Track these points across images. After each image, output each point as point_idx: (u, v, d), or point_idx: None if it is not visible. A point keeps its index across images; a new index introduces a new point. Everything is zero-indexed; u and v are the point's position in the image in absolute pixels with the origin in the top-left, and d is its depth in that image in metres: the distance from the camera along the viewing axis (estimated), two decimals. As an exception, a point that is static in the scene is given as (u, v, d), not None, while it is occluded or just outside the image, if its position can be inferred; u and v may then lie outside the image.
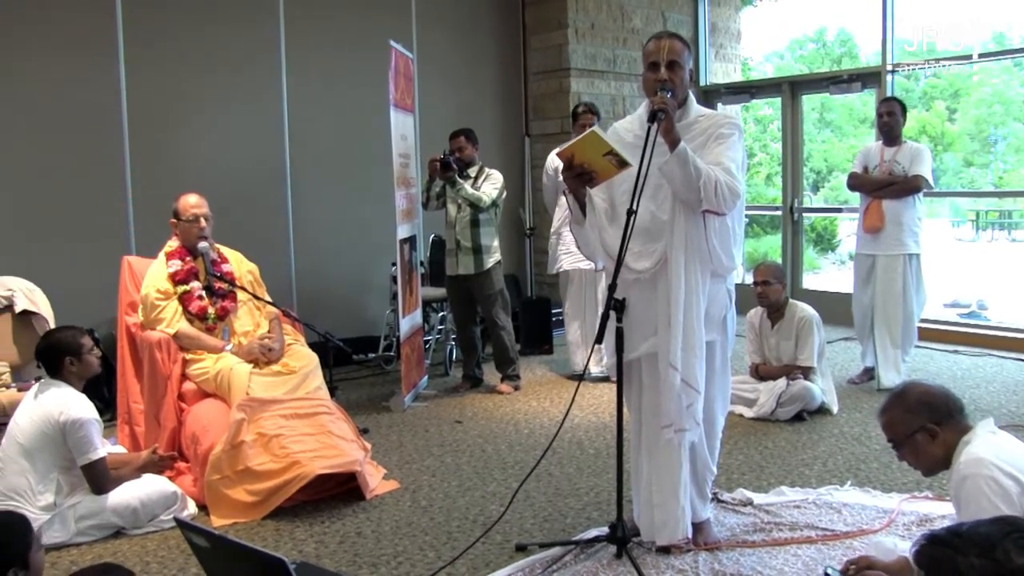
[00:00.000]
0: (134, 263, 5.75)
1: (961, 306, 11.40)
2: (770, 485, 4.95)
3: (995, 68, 14.86)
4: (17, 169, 6.82)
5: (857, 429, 5.98)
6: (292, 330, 5.77)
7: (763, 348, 6.54)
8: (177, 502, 4.61)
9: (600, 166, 3.74)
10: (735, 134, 3.89)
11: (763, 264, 6.56)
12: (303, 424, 4.97)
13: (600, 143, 3.69)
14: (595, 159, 3.73)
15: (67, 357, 4.46)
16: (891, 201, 6.87)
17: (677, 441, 3.91)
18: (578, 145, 3.73)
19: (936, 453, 3.12)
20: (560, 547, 4.16)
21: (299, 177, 8.27)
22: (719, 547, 4.10)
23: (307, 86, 8.25)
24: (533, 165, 10.02)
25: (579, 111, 7.34)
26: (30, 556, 2.67)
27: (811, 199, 14.40)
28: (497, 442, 5.93)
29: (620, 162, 3.69)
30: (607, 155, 3.69)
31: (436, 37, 9.25)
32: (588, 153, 3.73)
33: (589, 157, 3.73)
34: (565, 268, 7.52)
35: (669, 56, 3.85)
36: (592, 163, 3.74)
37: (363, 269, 8.72)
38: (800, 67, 16.40)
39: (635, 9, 10.12)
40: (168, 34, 7.45)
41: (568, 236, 6.91)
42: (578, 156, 3.75)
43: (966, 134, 18.00)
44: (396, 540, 4.36)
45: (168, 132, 7.49)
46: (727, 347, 4.13)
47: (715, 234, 3.84)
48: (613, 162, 3.70)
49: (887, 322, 6.94)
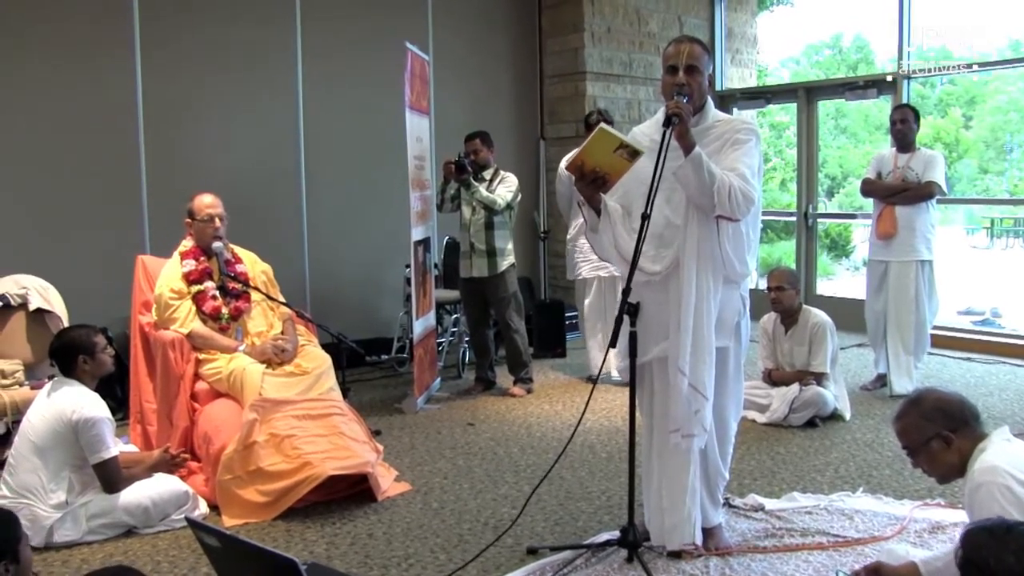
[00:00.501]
0: (148, 262, 5.77)
1: (975, 313, 11.35)
2: (782, 491, 4.93)
3: (1011, 75, 14.79)
4: (33, 167, 6.85)
5: (869, 435, 5.96)
6: (305, 331, 5.77)
7: (776, 353, 6.53)
8: (188, 502, 4.62)
9: (611, 165, 3.72)
10: (752, 140, 3.88)
11: (777, 269, 6.55)
12: (315, 425, 4.98)
13: (610, 138, 3.66)
14: (605, 159, 3.70)
15: (81, 356, 4.47)
16: (904, 207, 6.85)
17: (685, 446, 3.90)
18: (587, 148, 3.70)
19: (951, 461, 3.10)
20: (571, 551, 4.15)
21: (313, 178, 8.28)
22: (730, 552, 4.09)
23: (322, 87, 8.26)
24: (548, 168, 10.01)
25: (591, 120, 7.21)
26: (19, 549, 2.68)
27: (826, 205, 14.36)
28: (509, 445, 5.93)
29: (632, 153, 3.66)
30: (617, 150, 3.66)
31: (452, 39, 9.25)
32: (598, 154, 3.70)
33: (599, 159, 3.71)
34: (584, 276, 7.52)
35: (688, 61, 3.85)
36: (603, 165, 3.72)
37: (377, 270, 8.73)
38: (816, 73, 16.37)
39: (652, 13, 10.11)
40: (184, 35, 7.47)
41: (586, 244, 6.90)
42: (588, 160, 3.73)
43: (981, 141, 17.94)
44: (407, 542, 4.36)
45: (183, 132, 7.51)
46: (741, 353, 4.11)
47: (728, 240, 3.82)
48: (624, 155, 3.67)
49: (900, 328, 6.92)
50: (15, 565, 2.65)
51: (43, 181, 6.89)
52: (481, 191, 6.98)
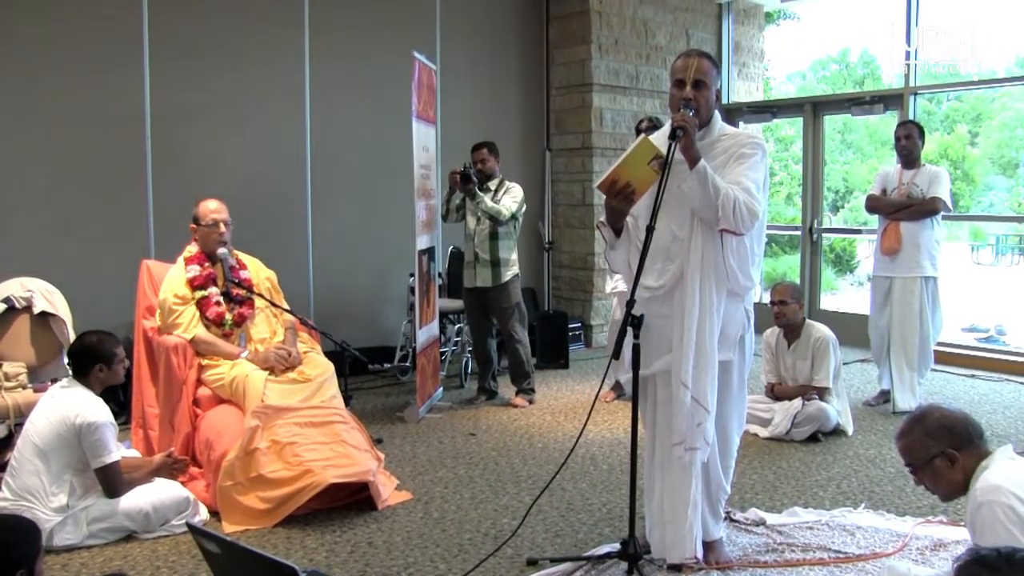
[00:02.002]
0: (153, 267, 5.78)
1: (979, 331, 11.32)
2: (783, 505, 4.93)
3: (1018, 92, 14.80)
4: (38, 171, 6.87)
5: (872, 451, 5.95)
6: (308, 338, 5.78)
7: (779, 368, 6.52)
8: (189, 507, 4.62)
9: (642, 177, 3.68)
10: (757, 154, 3.88)
11: (780, 284, 6.54)
12: (317, 432, 4.97)
13: (650, 149, 3.64)
14: (640, 171, 3.67)
15: (98, 365, 4.48)
16: (909, 223, 6.85)
17: (688, 459, 3.90)
18: (628, 159, 3.66)
19: (955, 479, 3.09)
20: (571, 563, 4.14)
21: (319, 185, 8.30)
22: (731, 567, 4.08)
23: (330, 95, 8.28)
24: (554, 179, 10.03)
25: (641, 127, 6.92)
26: (36, 563, 2.67)
27: (831, 220, 14.36)
28: (511, 456, 5.92)
29: (661, 164, 3.65)
30: (651, 161, 3.65)
31: (460, 49, 9.28)
32: (635, 166, 3.67)
33: (634, 171, 3.68)
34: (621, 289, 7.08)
35: (696, 75, 3.85)
36: (635, 178, 3.70)
37: (381, 279, 8.74)
38: (823, 88, 16.38)
39: (659, 26, 10.13)
40: (193, 41, 7.50)
41: None
42: (624, 174, 3.70)
43: (987, 158, 17.92)
44: (407, 551, 4.36)
45: (190, 138, 7.53)
46: (744, 367, 4.11)
47: (732, 253, 3.83)
48: (655, 167, 3.65)
49: (903, 344, 6.91)
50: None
51: (49, 185, 6.91)
52: (486, 201, 6.97)
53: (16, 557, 2.61)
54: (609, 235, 3.98)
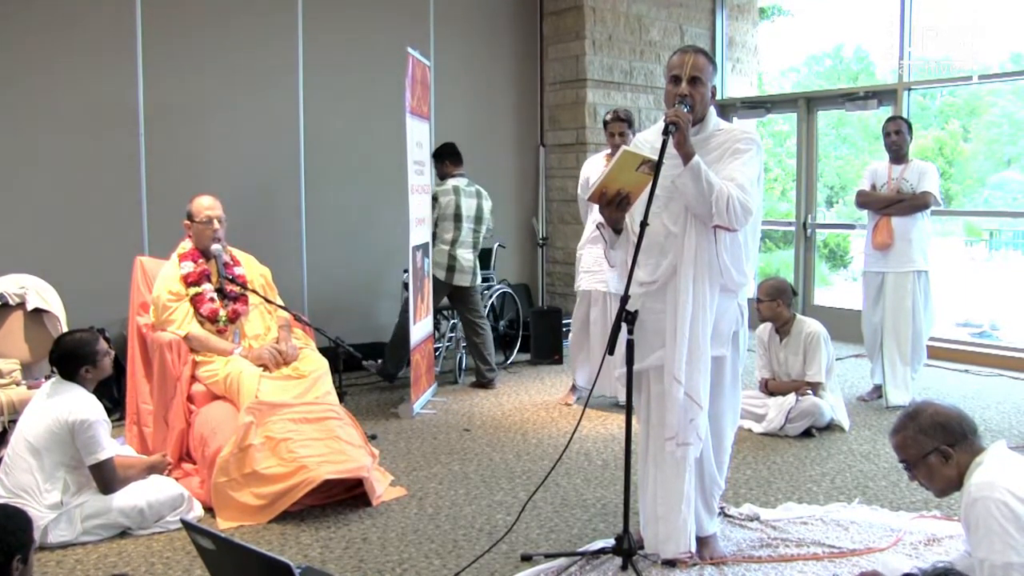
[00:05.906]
0: (147, 264, 5.77)
1: (973, 326, 11.34)
2: (777, 501, 4.94)
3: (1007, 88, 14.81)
4: (32, 167, 6.86)
5: (866, 446, 5.97)
6: (303, 335, 5.77)
7: (772, 363, 6.53)
8: (184, 504, 4.62)
9: (633, 183, 3.70)
10: (752, 149, 3.88)
11: (764, 281, 6.54)
12: (311, 429, 4.97)
13: (633, 158, 3.65)
14: (629, 178, 3.69)
15: (83, 367, 4.48)
16: (900, 218, 6.86)
17: (680, 454, 3.90)
18: (611, 174, 3.69)
19: (950, 475, 3.10)
20: (566, 558, 4.15)
21: (313, 181, 8.29)
22: (725, 562, 4.09)
23: (324, 91, 8.27)
24: (548, 175, 10.03)
25: (608, 119, 6.90)
26: (30, 552, 2.70)
27: (825, 215, 14.37)
28: (505, 451, 5.93)
29: (652, 166, 3.65)
30: (640, 167, 3.67)
31: (454, 45, 9.27)
32: (622, 176, 3.69)
33: (623, 180, 3.70)
34: (584, 288, 7.08)
35: (692, 72, 3.85)
36: (627, 185, 3.72)
37: (375, 275, 8.73)
38: (817, 83, 16.38)
39: (653, 22, 10.12)
40: (186, 36, 7.49)
41: (585, 254, 6.90)
42: (612, 185, 3.72)
43: (980, 153, 17.93)
44: (402, 547, 4.36)
45: (184, 134, 7.52)
46: (738, 362, 4.11)
47: (726, 249, 3.83)
48: (646, 170, 3.66)
49: (896, 339, 6.93)
50: (23, 566, 2.67)
51: (43, 181, 6.90)
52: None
53: (15, 543, 2.64)
54: (610, 236, 3.99)
